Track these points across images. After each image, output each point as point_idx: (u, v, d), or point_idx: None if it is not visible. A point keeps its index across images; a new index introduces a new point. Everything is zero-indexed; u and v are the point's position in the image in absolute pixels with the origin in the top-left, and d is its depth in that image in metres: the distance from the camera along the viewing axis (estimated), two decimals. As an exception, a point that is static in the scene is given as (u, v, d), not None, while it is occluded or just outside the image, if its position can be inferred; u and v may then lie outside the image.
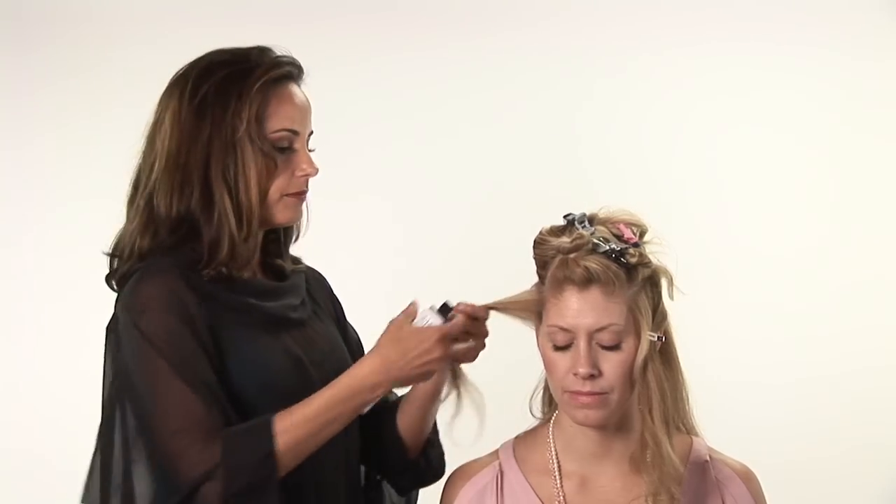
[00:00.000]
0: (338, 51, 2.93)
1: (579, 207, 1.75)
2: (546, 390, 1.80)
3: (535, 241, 1.73)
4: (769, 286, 2.89)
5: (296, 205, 1.81)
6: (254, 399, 1.73)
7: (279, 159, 1.77)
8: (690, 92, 2.95)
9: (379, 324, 1.77)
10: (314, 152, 1.84)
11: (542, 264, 1.72)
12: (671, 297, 1.74)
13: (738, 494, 1.74)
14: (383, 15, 3.02)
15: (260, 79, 1.76)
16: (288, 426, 1.67)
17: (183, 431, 1.65)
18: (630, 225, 1.72)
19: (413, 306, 1.76)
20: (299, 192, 1.81)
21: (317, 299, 1.93)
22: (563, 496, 1.73)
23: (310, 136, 1.83)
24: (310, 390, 1.72)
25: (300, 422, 1.68)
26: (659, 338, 1.70)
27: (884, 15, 2.88)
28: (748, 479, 1.77)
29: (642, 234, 1.73)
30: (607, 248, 1.67)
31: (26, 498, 2.92)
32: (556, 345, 1.68)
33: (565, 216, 1.72)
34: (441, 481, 1.86)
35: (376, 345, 1.74)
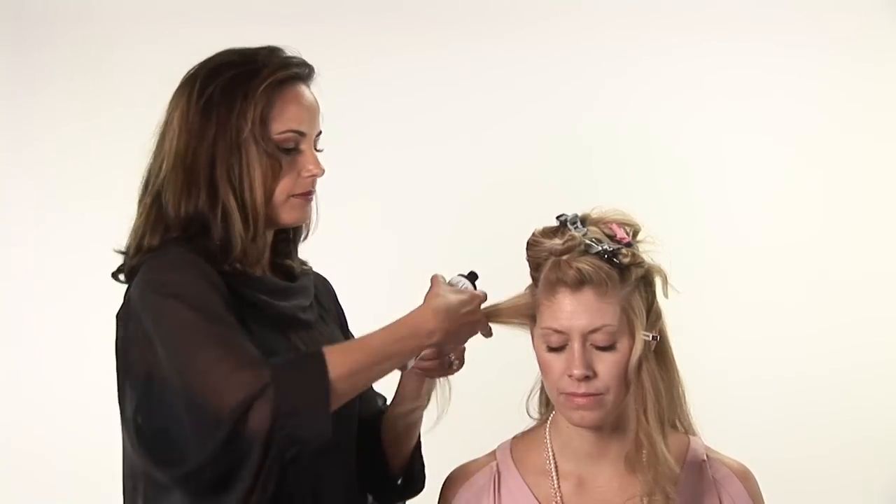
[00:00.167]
0: (338, 52, 2.91)
1: (583, 209, 1.75)
2: (542, 391, 1.80)
3: (528, 243, 1.73)
4: (769, 284, 2.88)
5: (302, 205, 1.80)
6: None
7: (284, 160, 1.76)
8: (693, 92, 2.93)
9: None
10: (322, 152, 1.83)
11: (535, 266, 1.72)
12: (666, 296, 1.74)
13: (735, 494, 1.74)
14: (384, 16, 3.00)
15: (266, 80, 1.75)
16: (342, 356, 1.64)
17: (225, 362, 1.58)
18: (623, 225, 1.72)
19: (439, 276, 1.79)
20: (305, 193, 1.79)
21: (323, 304, 1.92)
22: (561, 496, 1.73)
23: (318, 136, 1.82)
24: None
25: (353, 353, 1.66)
26: (654, 337, 1.70)
27: (884, 16, 2.86)
28: (745, 479, 1.76)
29: (635, 234, 1.73)
30: (599, 248, 1.66)
31: (27, 498, 2.93)
32: (551, 346, 1.68)
33: (558, 217, 1.72)
34: (438, 483, 1.86)
35: (428, 297, 1.75)
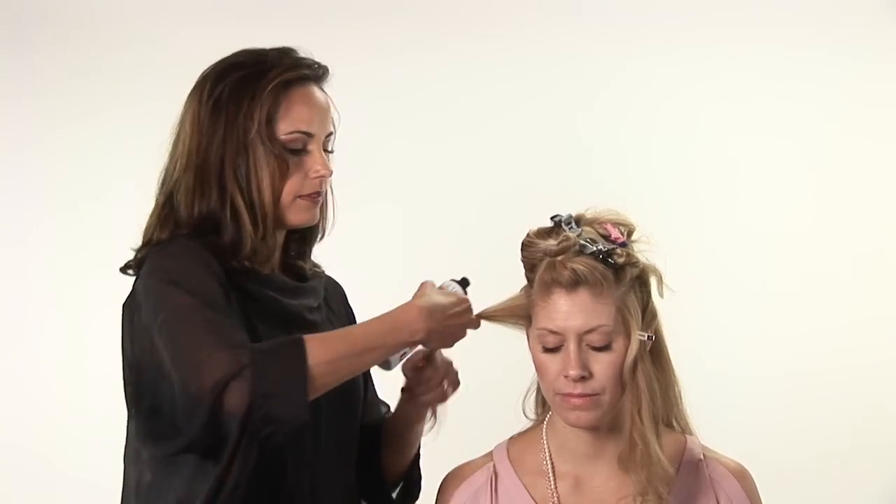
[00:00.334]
0: (337, 52, 2.90)
1: (585, 209, 1.75)
2: (539, 391, 1.79)
3: (523, 244, 1.72)
4: (769, 284, 2.89)
5: (309, 207, 1.79)
6: None
7: (291, 161, 1.76)
8: (694, 92, 2.95)
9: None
10: (333, 153, 1.83)
11: (530, 267, 1.71)
12: (661, 296, 1.73)
13: (732, 493, 1.73)
14: (385, 17, 3.02)
15: (273, 80, 1.75)
16: (322, 343, 1.64)
17: (208, 344, 1.59)
18: (617, 224, 1.71)
19: (430, 281, 1.80)
20: (313, 194, 1.79)
21: (332, 307, 1.92)
22: (557, 497, 1.73)
23: (328, 137, 1.82)
24: None
25: (334, 341, 1.66)
26: (649, 337, 1.69)
27: (886, 16, 2.86)
28: (742, 478, 1.75)
29: (630, 234, 1.72)
30: (594, 249, 1.66)
31: (28, 498, 2.94)
32: (546, 347, 1.68)
33: (552, 217, 1.71)
34: (436, 484, 1.85)
35: (416, 295, 1.76)
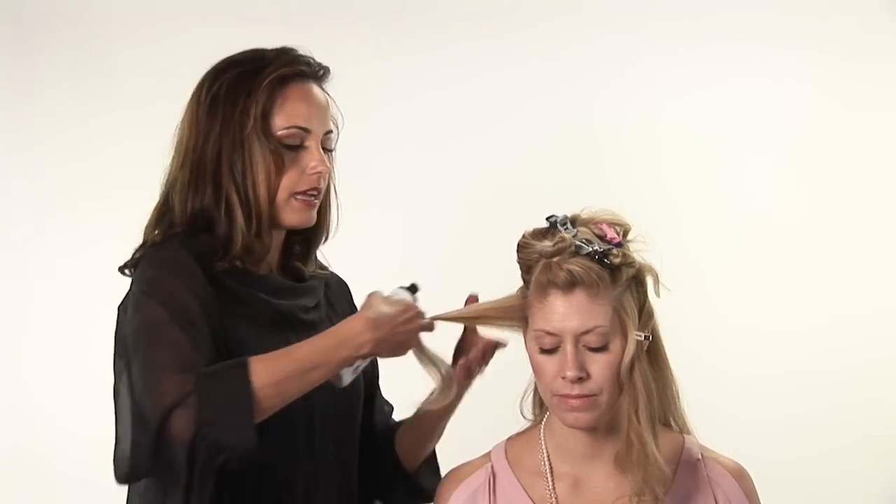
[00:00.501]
0: (336, 53, 2.90)
1: (586, 208, 1.74)
2: (536, 392, 1.79)
3: (519, 245, 1.72)
4: (768, 283, 2.89)
5: (305, 209, 1.79)
6: None
7: (287, 157, 1.76)
8: (695, 93, 2.95)
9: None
10: (334, 152, 1.83)
11: (526, 268, 1.71)
12: (658, 295, 1.73)
13: (730, 492, 1.73)
14: (386, 19, 3.02)
15: (269, 76, 1.75)
16: (267, 364, 1.62)
17: (166, 367, 1.60)
18: (613, 225, 1.70)
19: (378, 291, 1.77)
20: (309, 192, 1.78)
21: (334, 305, 1.92)
22: (556, 497, 1.73)
23: (328, 134, 1.82)
24: (313, 390, 1.71)
25: (280, 361, 1.64)
26: (646, 337, 1.69)
27: (886, 17, 2.86)
28: (740, 477, 1.75)
29: (626, 234, 1.71)
30: (590, 249, 1.65)
31: (30, 498, 2.94)
32: (543, 348, 1.67)
33: (548, 218, 1.71)
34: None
35: (363, 307, 1.73)
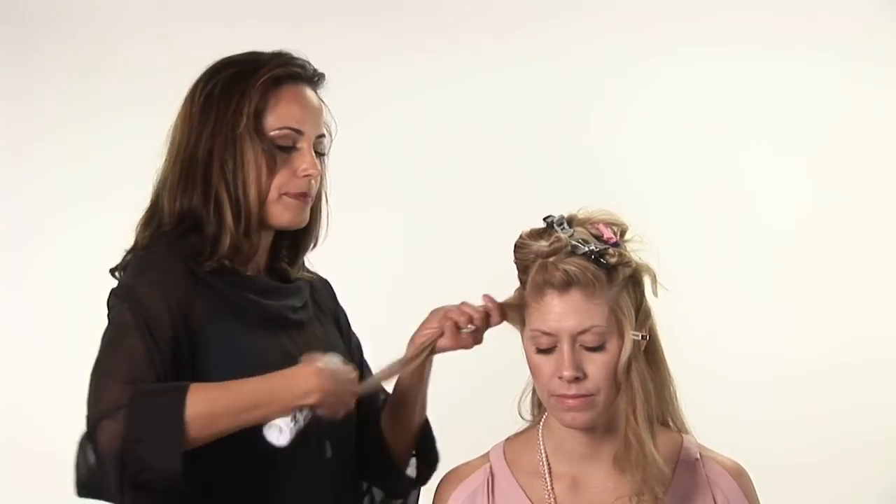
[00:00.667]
0: (335, 53, 2.90)
1: (584, 209, 1.74)
2: (534, 393, 1.79)
3: (516, 246, 1.72)
4: (767, 282, 2.90)
5: (296, 207, 1.79)
6: None
7: (279, 157, 1.76)
8: (695, 93, 2.96)
9: (379, 326, 1.79)
10: (324, 157, 1.83)
11: (522, 269, 1.71)
12: (655, 295, 1.73)
13: (729, 492, 1.73)
14: (383, 18, 3.02)
15: (263, 76, 1.76)
16: (205, 394, 1.60)
17: (112, 374, 1.60)
18: (610, 224, 1.70)
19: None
20: (299, 193, 1.78)
21: (320, 304, 1.92)
22: (554, 498, 1.73)
23: (320, 138, 1.82)
24: None
25: (219, 393, 1.61)
26: (643, 336, 1.69)
27: (886, 17, 2.86)
28: (739, 477, 1.75)
29: (622, 234, 1.71)
30: (586, 249, 1.65)
31: (31, 498, 2.94)
32: (540, 348, 1.67)
33: (544, 219, 1.71)
34: (432, 485, 1.86)
35: (306, 360, 1.69)
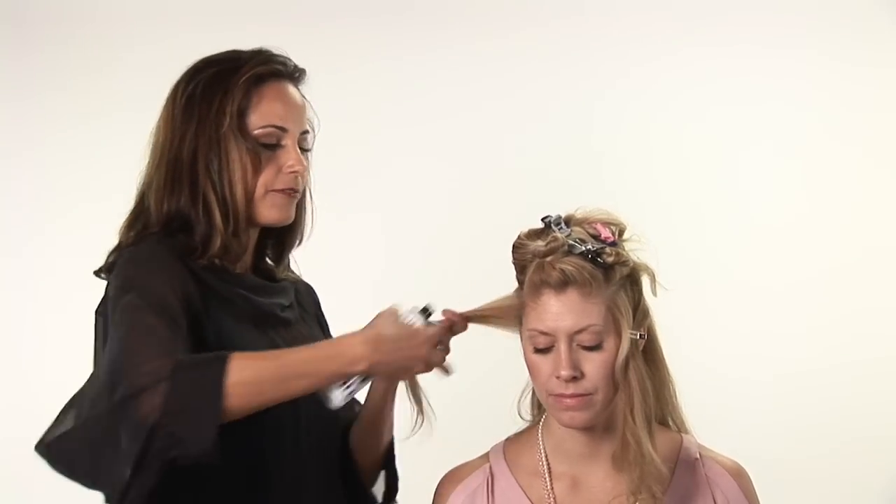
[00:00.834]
0: (334, 53, 2.95)
1: (581, 209, 1.73)
2: (534, 393, 1.79)
3: (514, 246, 1.72)
4: (766, 282, 2.89)
5: (283, 204, 1.79)
6: None
7: (264, 156, 1.76)
8: (695, 93, 2.95)
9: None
10: (309, 153, 1.83)
11: (520, 269, 1.71)
12: (654, 294, 1.72)
13: (728, 491, 1.73)
14: (380, 18, 3.02)
15: (244, 75, 1.76)
16: (249, 363, 1.58)
17: (142, 351, 1.57)
18: (607, 224, 1.71)
19: (394, 307, 1.73)
20: (286, 189, 1.78)
21: (304, 307, 1.92)
22: (554, 497, 1.73)
23: (304, 134, 1.82)
24: None
25: (264, 363, 1.60)
26: (641, 336, 1.69)
27: (886, 17, 2.85)
28: (739, 476, 1.75)
29: (620, 233, 1.72)
30: (583, 248, 1.65)
31: (33, 498, 2.95)
32: (538, 348, 1.67)
33: (543, 219, 1.71)
34: (432, 485, 1.85)
35: (370, 324, 1.69)
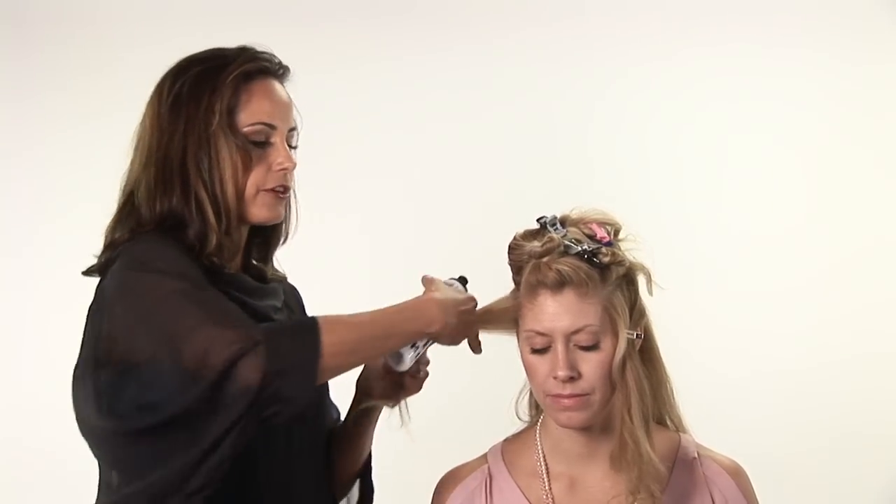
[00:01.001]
0: (333, 53, 2.94)
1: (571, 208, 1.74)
2: (531, 393, 1.80)
3: (510, 247, 1.72)
4: (764, 281, 2.89)
5: (273, 202, 1.78)
6: None
7: (254, 153, 1.75)
8: (692, 93, 2.96)
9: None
10: (295, 149, 1.83)
11: (516, 270, 1.72)
12: (650, 294, 1.73)
13: (726, 490, 1.73)
14: (382, 19, 3.02)
15: (232, 73, 1.75)
16: (338, 325, 1.61)
17: (211, 320, 1.55)
18: (603, 224, 1.71)
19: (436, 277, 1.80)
20: (277, 188, 1.78)
21: (292, 308, 1.92)
22: (552, 498, 1.73)
23: (291, 132, 1.82)
24: None
25: (352, 324, 1.64)
26: (638, 335, 1.69)
27: (885, 18, 2.85)
28: (737, 475, 1.75)
29: (616, 233, 1.72)
30: (579, 249, 1.65)
31: (34, 497, 2.95)
32: (535, 349, 1.68)
33: (538, 219, 1.71)
34: (430, 486, 1.86)
35: (430, 288, 1.76)
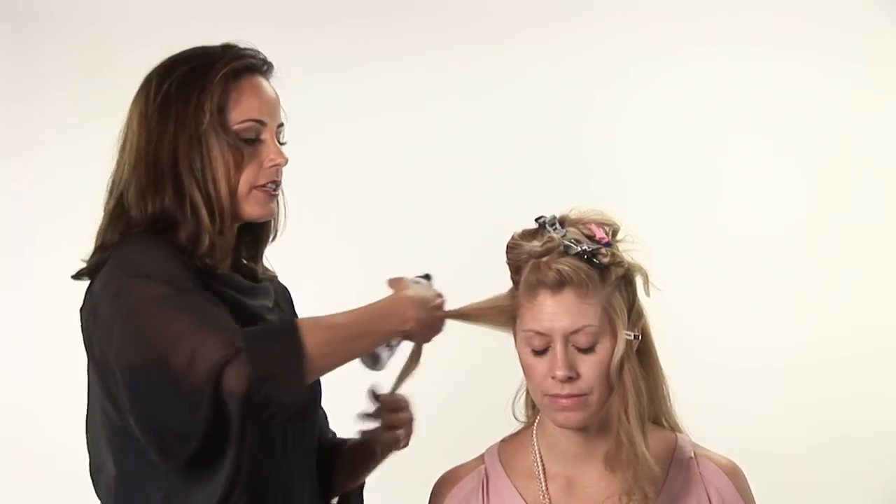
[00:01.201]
0: (332, 53, 2.94)
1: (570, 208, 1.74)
2: (528, 393, 1.79)
3: (508, 246, 1.72)
4: (762, 281, 2.90)
5: (266, 199, 1.79)
6: None
7: (246, 151, 1.75)
8: (690, 94, 2.97)
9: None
10: (286, 145, 1.83)
11: (515, 269, 1.71)
12: (647, 294, 1.73)
13: (723, 490, 1.73)
14: (383, 19, 3.03)
15: (220, 71, 1.75)
16: (313, 325, 1.62)
17: (195, 327, 1.55)
18: (602, 224, 1.71)
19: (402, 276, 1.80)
20: (269, 184, 1.78)
21: (282, 307, 1.92)
22: (549, 498, 1.73)
23: (280, 128, 1.82)
24: None
25: (327, 324, 1.64)
26: (635, 336, 1.69)
27: (885, 18, 2.88)
28: (733, 475, 1.75)
29: (615, 234, 1.72)
30: (579, 249, 1.66)
31: (34, 497, 2.94)
32: (533, 349, 1.68)
33: (536, 219, 1.72)
34: (427, 487, 1.85)
35: (400, 287, 1.76)
